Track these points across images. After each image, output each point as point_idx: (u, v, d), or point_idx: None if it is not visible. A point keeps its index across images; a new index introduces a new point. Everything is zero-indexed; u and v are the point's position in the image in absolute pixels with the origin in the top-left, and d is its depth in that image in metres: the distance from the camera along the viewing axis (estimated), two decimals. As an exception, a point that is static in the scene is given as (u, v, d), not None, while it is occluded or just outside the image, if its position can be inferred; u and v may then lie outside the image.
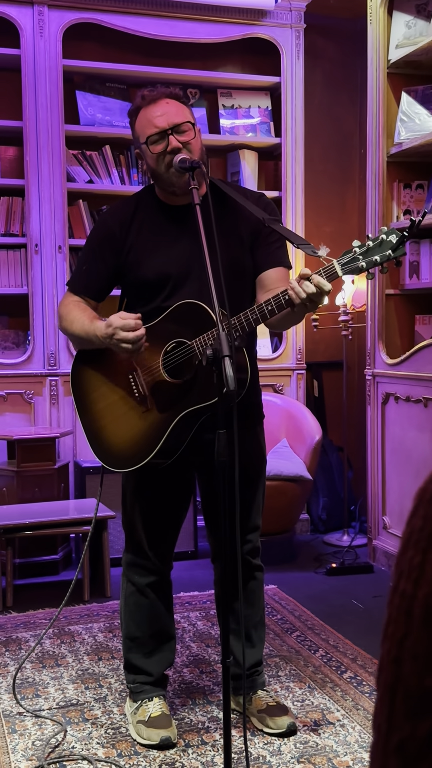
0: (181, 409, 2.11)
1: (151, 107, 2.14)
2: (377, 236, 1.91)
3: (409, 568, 0.43)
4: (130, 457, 2.20)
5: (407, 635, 0.42)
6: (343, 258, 1.93)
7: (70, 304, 2.26)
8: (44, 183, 3.99)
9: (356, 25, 4.57)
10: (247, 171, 4.39)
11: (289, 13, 4.31)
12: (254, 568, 2.40)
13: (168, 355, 2.13)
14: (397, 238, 1.89)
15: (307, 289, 1.90)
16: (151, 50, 4.25)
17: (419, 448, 3.50)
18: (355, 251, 1.91)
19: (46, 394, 4.06)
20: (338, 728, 2.34)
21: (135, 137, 2.20)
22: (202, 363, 2.04)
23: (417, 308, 3.86)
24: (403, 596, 0.42)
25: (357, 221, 4.77)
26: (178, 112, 2.14)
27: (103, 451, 2.25)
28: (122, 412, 2.21)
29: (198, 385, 2.09)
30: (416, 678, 0.41)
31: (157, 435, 2.15)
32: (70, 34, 4.04)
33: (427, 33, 3.58)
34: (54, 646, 2.96)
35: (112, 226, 2.25)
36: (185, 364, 2.11)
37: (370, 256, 1.90)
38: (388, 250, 1.89)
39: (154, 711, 2.31)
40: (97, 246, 2.26)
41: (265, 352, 4.39)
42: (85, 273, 2.28)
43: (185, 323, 2.10)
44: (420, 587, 0.42)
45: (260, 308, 1.98)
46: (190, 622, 3.18)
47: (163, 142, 2.11)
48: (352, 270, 1.92)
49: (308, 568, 3.90)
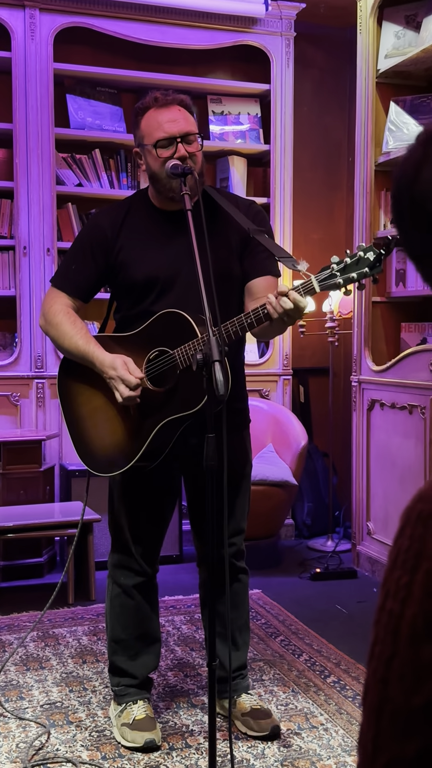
0: (163, 417, 2.13)
1: (163, 111, 2.15)
2: (355, 253, 1.94)
3: (396, 588, 0.42)
4: (112, 462, 2.22)
5: (394, 655, 0.42)
6: (320, 274, 1.95)
7: (59, 313, 2.25)
8: (33, 185, 3.99)
9: (346, 34, 4.61)
10: (236, 177, 4.41)
11: (280, 21, 4.34)
12: (239, 570, 2.42)
13: (151, 364, 2.15)
14: (374, 256, 1.92)
15: (285, 305, 1.94)
16: (142, 55, 4.27)
17: (404, 454, 3.53)
18: (333, 268, 1.94)
19: (33, 396, 4.05)
20: (321, 732, 2.36)
21: (139, 135, 2.20)
22: (183, 372, 2.07)
23: (403, 316, 3.90)
24: (390, 616, 0.42)
25: (345, 229, 4.80)
26: (188, 121, 2.16)
27: (88, 454, 2.27)
28: (106, 417, 2.23)
29: (179, 394, 2.11)
30: (403, 698, 0.40)
31: (140, 441, 2.17)
32: (62, 38, 4.05)
33: (416, 43, 3.62)
34: (38, 648, 2.96)
35: (103, 228, 2.26)
36: (167, 372, 2.13)
37: (348, 273, 1.93)
38: (365, 268, 1.93)
39: (138, 714, 2.31)
40: (87, 246, 2.27)
41: (252, 357, 4.41)
42: (73, 272, 2.29)
43: (168, 332, 2.12)
44: (407, 607, 0.41)
45: (240, 321, 2.02)
46: (174, 626, 3.19)
47: (171, 148, 2.13)
48: (329, 286, 1.95)
49: (293, 572, 3.91)
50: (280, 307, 1.94)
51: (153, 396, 2.15)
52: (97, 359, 2.16)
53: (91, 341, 2.19)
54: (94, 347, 2.18)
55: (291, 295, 1.93)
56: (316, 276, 1.95)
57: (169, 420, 2.12)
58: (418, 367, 3.42)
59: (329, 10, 4.46)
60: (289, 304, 1.93)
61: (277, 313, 1.95)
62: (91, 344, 2.18)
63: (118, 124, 4.26)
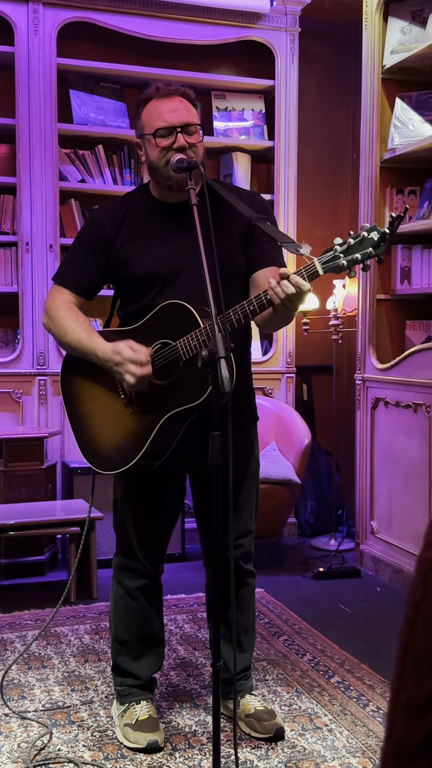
0: (167, 410, 2.10)
1: (165, 101, 2.13)
2: (358, 234, 1.89)
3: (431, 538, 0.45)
4: (116, 459, 2.19)
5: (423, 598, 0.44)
6: (323, 256, 1.90)
7: (61, 308, 2.23)
8: (36, 181, 3.97)
9: (351, 29, 4.58)
10: (240, 173, 4.39)
11: (284, 16, 4.32)
12: (246, 573, 2.38)
13: (153, 357, 2.13)
14: (378, 236, 1.87)
15: (287, 289, 1.88)
16: (146, 51, 4.24)
17: (408, 453, 3.50)
18: (336, 249, 1.89)
19: (35, 393, 4.03)
20: (326, 733, 2.34)
21: (139, 125, 2.18)
22: (186, 364, 2.04)
23: (408, 314, 3.87)
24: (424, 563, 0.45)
25: (349, 225, 4.77)
26: (189, 112, 2.14)
27: (91, 452, 2.24)
28: (109, 413, 2.20)
29: (183, 386, 2.08)
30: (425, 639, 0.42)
31: (143, 437, 2.14)
32: (65, 33, 4.02)
33: (422, 39, 3.59)
34: (40, 647, 2.94)
35: (103, 225, 2.23)
36: (171, 365, 2.10)
37: (351, 254, 1.88)
38: (369, 248, 1.86)
39: (141, 714, 2.29)
40: (88, 244, 2.25)
41: (256, 355, 4.39)
42: (76, 270, 2.27)
43: (170, 324, 2.09)
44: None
45: (242, 308, 1.97)
46: (177, 625, 3.17)
47: (170, 138, 2.11)
48: (333, 268, 1.89)
49: (295, 572, 3.89)
50: (282, 291, 1.89)
51: (156, 389, 2.12)
52: (99, 350, 2.12)
53: (93, 334, 2.17)
54: (96, 339, 2.15)
55: (292, 279, 1.88)
56: (319, 258, 1.90)
57: (174, 413, 2.09)
58: (423, 365, 3.39)
59: (334, 6, 4.43)
60: (290, 288, 1.88)
61: (279, 299, 1.90)
62: (94, 337, 2.16)
63: (121, 120, 4.24)
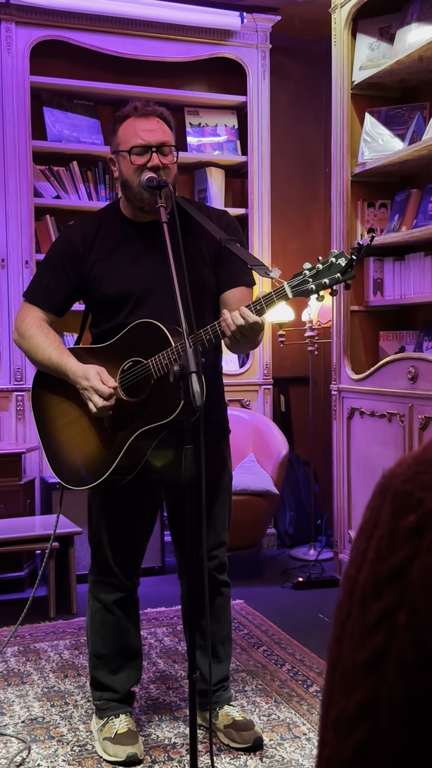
0: (137, 427, 2.13)
1: (142, 120, 2.17)
2: (327, 259, 1.96)
3: (355, 555, 0.45)
4: (86, 475, 2.21)
5: (348, 616, 0.44)
6: (293, 280, 1.97)
7: (32, 326, 2.24)
8: (11, 198, 3.99)
9: (321, 46, 4.64)
10: (214, 188, 4.43)
11: (255, 33, 4.38)
12: (221, 584, 2.41)
13: (125, 374, 2.15)
14: (346, 262, 1.94)
15: (236, 321, 1.95)
16: (119, 68, 4.28)
17: (384, 462, 3.54)
18: (305, 274, 1.96)
19: (12, 409, 4.04)
20: (304, 742, 2.36)
21: (115, 142, 2.21)
22: (157, 382, 2.07)
23: (381, 325, 3.92)
24: (348, 580, 0.45)
25: (322, 238, 4.83)
26: (165, 133, 2.18)
27: (61, 468, 2.26)
28: (80, 430, 2.22)
29: (153, 404, 2.10)
30: (351, 656, 0.43)
31: (113, 454, 2.16)
32: (38, 51, 4.05)
33: (390, 55, 3.66)
34: (19, 663, 2.94)
35: (74, 243, 2.25)
36: (142, 382, 2.13)
37: (320, 279, 1.95)
38: (336, 273, 1.95)
39: (120, 728, 2.30)
40: (59, 262, 2.26)
41: (232, 367, 4.42)
42: (45, 287, 2.28)
43: (142, 342, 2.12)
44: (361, 570, 0.44)
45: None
46: (156, 638, 3.18)
47: (145, 156, 2.14)
48: (302, 292, 1.96)
49: (275, 582, 3.91)
50: (233, 323, 1.96)
51: (127, 407, 2.14)
52: (70, 370, 2.15)
53: (64, 353, 2.19)
54: (67, 358, 2.17)
55: (241, 311, 1.96)
56: (289, 282, 1.96)
57: (144, 430, 2.12)
58: (396, 375, 3.44)
59: (304, 23, 4.50)
60: (240, 320, 1.95)
61: (230, 331, 1.97)
62: (65, 355, 2.18)
63: (95, 137, 4.27)
